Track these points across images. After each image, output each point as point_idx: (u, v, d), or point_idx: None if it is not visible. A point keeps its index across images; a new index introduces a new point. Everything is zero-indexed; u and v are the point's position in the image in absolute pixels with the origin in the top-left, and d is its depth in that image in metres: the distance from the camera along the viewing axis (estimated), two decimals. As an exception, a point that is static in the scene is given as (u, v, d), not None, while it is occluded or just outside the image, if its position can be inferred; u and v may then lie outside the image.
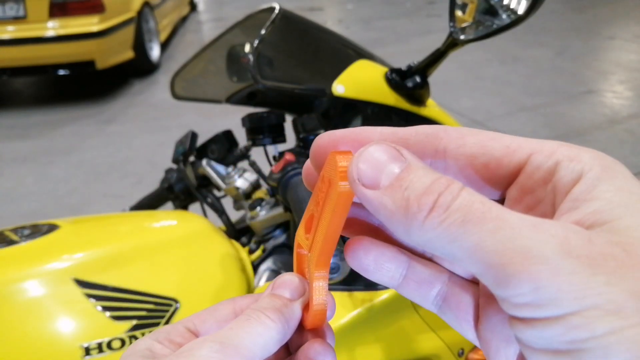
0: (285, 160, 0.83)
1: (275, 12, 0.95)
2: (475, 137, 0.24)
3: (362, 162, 0.22)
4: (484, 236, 0.19)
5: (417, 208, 0.20)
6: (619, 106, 3.69)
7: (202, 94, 1.22)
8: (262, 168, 0.99)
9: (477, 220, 0.19)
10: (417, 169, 0.21)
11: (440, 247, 0.20)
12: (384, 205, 0.21)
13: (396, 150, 0.22)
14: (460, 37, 0.80)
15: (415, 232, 0.20)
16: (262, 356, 0.27)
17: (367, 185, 0.22)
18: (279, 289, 0.31)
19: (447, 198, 0.20)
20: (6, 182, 3.00)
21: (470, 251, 0.19)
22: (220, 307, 0.32)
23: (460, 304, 0.25)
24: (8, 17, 3.83)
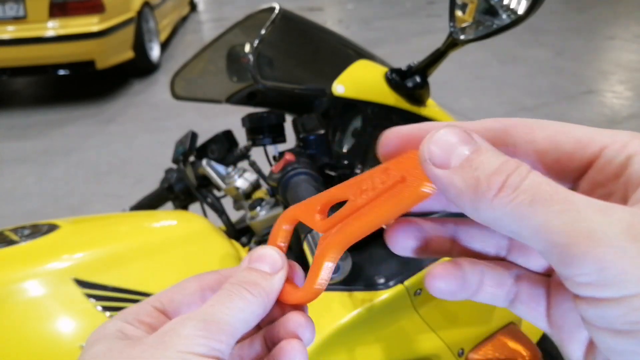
0: (285, 160, 0.83)
1: (275, 12, 0.95)
2: (544, 131, 0.24)
3: (434, 143, 0.23)
4: (551, 216, 0.19)
5: (486, 187, 0.21)
6: (619, 106, 3.69)
7: (202, 94, 1.22)
8: (262, 168, 0.99)
9: (544, 201, 0.20)
10: (487, 151, 0.22)
11: (507, 224, 0.21)
12: (453, 184, 0.22)
13: (466, 134, 0.23)
14: (460, 37, 0.80)
15: (484, 209, 0.21)
16: (244, 330, 0.27)
17: (437, 164, 0.23)
18: (257, 262, 0.30)
19: (516, 179, 0.20)
20: (6, 182, 3.00)
21: (536, 230, 0.20)
22: (186, 285, 0.31)
23: (531, 297, 0.26)
24: (8, 17, 3.83)
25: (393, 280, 0.75)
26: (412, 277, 0.76)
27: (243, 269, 0.30)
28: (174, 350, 0.25)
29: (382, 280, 0.75)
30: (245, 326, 0.27)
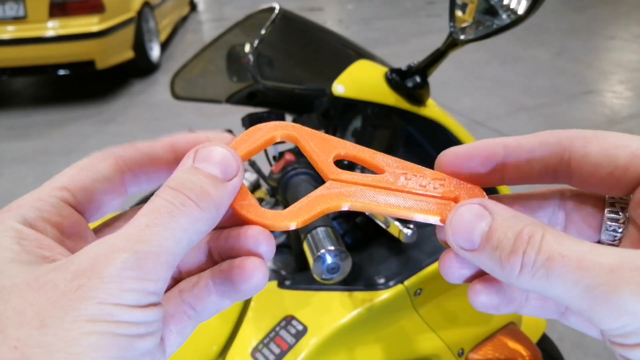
0: (285, 160, 0.83)
1: (275, 12, 0.95)
2: (599, 144, 0.25)
3: (455, 233, 0.25)
4: (569, 288, 0.21)
5: (509, 269, 0.23)
6: (619, 106, 3.69)
7: (202, 94, 1.22)
8: (262, 168, 0.99)
9: (559, 273, 0.21)
10: (502, 224, 0.24)
11: (539, 292, 0.23)
12: (484, 264, 0.24)
13: (481, 207, 0.25)
14: (460, 37, 0.80)
15: (516, 283, 0.23)
16: (184, 254, 0.22)
17: (466, 249, 0.25)
18: (204, 162, 0.24)
19: (531, 255, 0.22)
20: (6, 182, 3.00)
21: (563, 299, 0.22)
22: (97, 164, 0.25)
23: None
24: (8, 17, 3.83)
25: (393, 280, 0.75)
26: (412, 277, 0.76)
27: (186, 168, 0.24)
28: (93, 302, 0.19)
29: (382, 280, 0.75)
30: (187, 249, 0.22)
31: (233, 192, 0.24)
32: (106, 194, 0.25)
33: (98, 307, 0.19)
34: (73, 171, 0.25)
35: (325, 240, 0.63)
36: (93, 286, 0.19)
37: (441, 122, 0.92)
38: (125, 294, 0.20)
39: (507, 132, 3.24)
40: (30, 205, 0.23)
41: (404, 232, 0.65)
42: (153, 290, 0.21)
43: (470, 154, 0.27)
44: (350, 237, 0.84)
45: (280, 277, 0.83)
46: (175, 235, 0.21)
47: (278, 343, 0.70)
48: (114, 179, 0.25)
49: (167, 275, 0.21)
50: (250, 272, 0.25)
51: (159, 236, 0.21)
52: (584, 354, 1.65)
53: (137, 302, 0.20)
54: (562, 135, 0.25)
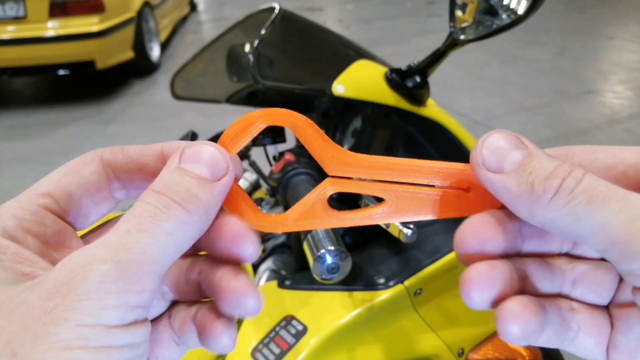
0: (285, 160, 0.83)
1: (275, 12, 0.95)
2: (604, 151, 0.25)
3: (486, 148, 0.23)
4: (609, 216, 0.20)
5: (542, 191, 0.21)
6: (619, 106, 3.69)
7: (202, 94, 1.22)
8: (262, 168, 0.99)
9: (602, 201, 0.20)
10: (539, 155, 0.22)
11: (564, 226, 0.21)
12: (508, 188, 0.22)
13: (517, 139, 0.23)
14: (460, 37, 0.80)
15: (540, 212, 0.21)
16: (172, 262, 0.20)
17: (491, 169, 0.23)
18: (191, 162, 0.22)
19: (571, 182, 0.21)
20: (6, 182, 3.00)
21: (595, 229, 0.20)
22: (80, 168, 0.23)
23: (595, 326, 0.24)
24: (8, 17, 3.83)
25: (393, 280, 0.75)
26: (412, 277, 0.76)
27: (171, 170, 0.22)
28: (69, 325, 0.17)
29: (382, 280, 0.75)
30: (175, 257, 0.20)
31: (223, 192, 0.23)
32: (92, 200, 0.24)
33: (74, 330, 0.17)
34: (56, 176, 0.23)
35: (325, 240, 0.63)
36: (69, 306, 0.17)
37: (441, 122, 0.92)
38: (106, 312, 0.17)
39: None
40: (10, 214, 0.21)
41: (404, 232, 0.65)
42: (137, 303, 0.18)
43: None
44: (350, 237, 0.84)
45: (280, 277, 0.83)
46: (160, 241, 0.19)
47: (278, 343, 0.70)
48: (100, 184, 0.24)
49: (152, 286, 0.19)
50: (215, 338, 0.23)
51: (141, 243, 0.19)
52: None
53: (119, 321, 0.18)
54: (565, 148, 0.26)
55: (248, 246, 0.23)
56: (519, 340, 0.22)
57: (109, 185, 0.24)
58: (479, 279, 0.23)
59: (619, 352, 0.24)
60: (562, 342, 0.25)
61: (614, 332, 0.24)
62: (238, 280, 0.23)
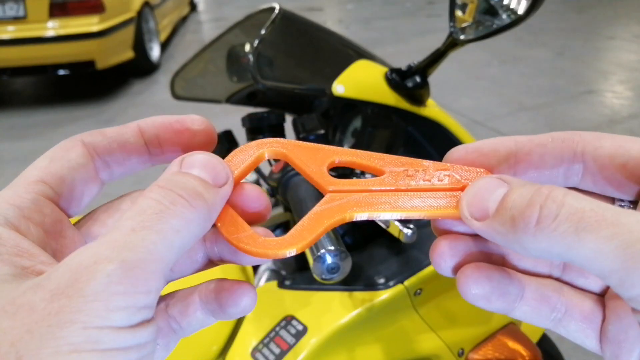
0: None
1: (275, 12, 0.95)
2: (611, 139, 0.25)
3: (469, 199, 0.24)
4: (601, 243, 0.19)
5: (523, 222, 0.21)
6: (619, 106, 3.69)
7: (202, 94, 1.22)
8: (262, 168, 0.99)
9: (591, 228, 0.19)
10: (519, 187, 0.22)
11: (558, 254, 0.20)
12: (495, 230, 0.22)
13: (498, 180, 0.23)
14: (460, 37, 0.80)
15: (530, 245, 0.21)
16: (176, 259, 0.20)
17: (478, 218, 0.23)
18: (192, 168, 0.23)
19: (552, 206, 0.20)
20: (6, 182, 2.98)
21: (589, 258, 0.19)
22: (66, 152, 0.23)
23: (585, 314, 0.25)
24: (8, 17, 3.83)
25: (393, 280, 0.75)
26: (412, 277, 0.76)
27: (174, 172, 0.22)
28: (76, 328, 0.16)
29: (382, 280, 0.75)
30: (180, 254, 0.20)
31: (225, 197, 0.23)
32: (83, 183, 0.24)
33: (82, 333, 0.16)
34: (44, 163, 0.23)
35: (325, 240, 0.63)
36: (75, 307, 0.17)
37: (441, 122, 0.92)
38: (113, 314, 0.17)
39: (507, 132, 3.23)
40: (8, 203, 0.21)
41: (404, 232, 0.65)
42: (144, 304, 0.18)
43: (480, 148, 0.26)
44: (350, 237, 0.84)
45: (280, 277, 0.83)
46: (166, 239, 0.19)
47: (278, 343, 0.70)
48: (87, 166, 0.24)
49: (159, 285, 0.19)
50: (239, 297, 0.24)
51: (147, 241, 0.18)
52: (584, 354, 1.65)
53: (127, 322, 0.18)
54: (573, 132, 0.25)
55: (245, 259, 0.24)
56: (477, 301, 0.24)
57: (94, 167, 0.24)
58: (444, 249, 0.25)
59: (609, 341, 0.24)
60: (545, 320, 0.25)
61: (605, 321, 0.24)
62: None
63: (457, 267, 0.25)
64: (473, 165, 0.26)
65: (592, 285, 0.26)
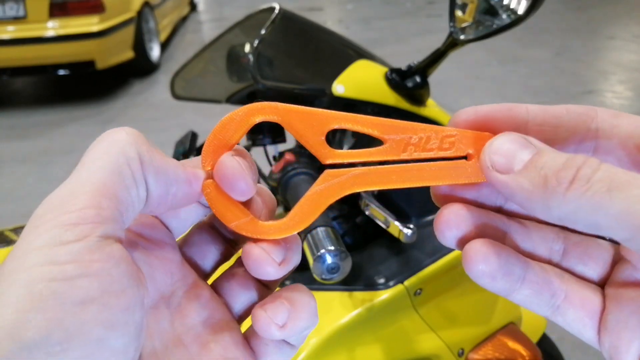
0: (285, 160, 0.83)
1: (275, 12, 0.95)
2: (628, 118, 0.24)
3: (494, 152, 0.23)
4: (632, 201, 0.19)
5: (556, 182, 0.20)
6: (619, 106, 3.69)
7: (202, 94, 1.22)
8: (262, 168, 0.99)
9: (623, 187, 0.19)
10: (549, 151, 0.22)
11: (584, 217, 0.20)
12: (520, 186, 0.21)
13: (525, 139, 0.23)
14: (460, 37, 0.80)
15: (557, 205, 0.20)
16: None
17: (501, 170, 0.22)
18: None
19: (587, 170, 0.20)
20: (6, 182, 3.00)
21: (617, 217, 0.19)
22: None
23: (584, 302, 0.24)
24: (8, 17, 3.83)
25: (393, 280, 0.75)
26: (412, 277, 0.76)
27: None
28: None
29: (382, 280, 0.75)
30: None
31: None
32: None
33: None
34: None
35: (325, 240, 0.63)
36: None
37: (441, 122, 0.92)
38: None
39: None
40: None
41: (404, 232, 0.65)
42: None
43: (491, 112, 0.25)
44: (350, 237, 0.84)
45: (280, 277, 0.83)
46: None
47: (278, 343, 0.70)
48: None
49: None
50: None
51: None
52: (584, 354, 1.65)
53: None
54: (590, 107, 0.25)
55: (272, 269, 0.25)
56: (481, 278, 0.23)
57: None
58: (450, 217, 0.24)
59: (608, 332, 0.23)
60: (545, 306, 0.24)
61: (605, 311, 0.24)
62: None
63: (462, 240, 0.24)
64: (480, 130, 0.25)
65: (592, 273, 0.25)
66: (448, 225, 0.24)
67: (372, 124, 0.25)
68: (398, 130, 0.25)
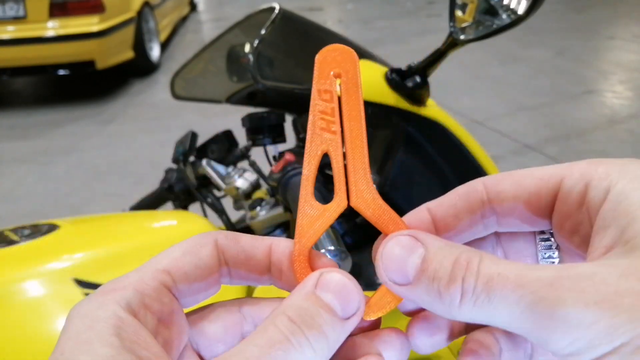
0: (285, 160, 0.83)
1: (275, 12, 0.95)
2: (510, 179, 0.25)
3: (387, 262, 0.23)
4: (512, 308, 0.20)
5: (449, 298, 0.21)
6: (619, 106, 3.69)
7: (202, 94, 1.22)
8: (262, 168, 0.99)
9: (499, 295, 0.20)
10: (436, 253, 0.22)
11: (484, 321, 0.21)
12: (420, 298, 0.22)
13: (412, 239, 0.23)
14: (460, 37, 0.80)
15: (457, 315, 0.22)
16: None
17: (400, 283, 0.23)
18: (327, 292, 0.23)
19: (471, 280, 0.21)
20: (6, 182, 3.00)
21: (508, 322, 0.20)
22: (200, 250, 0.24)
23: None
24: (8, 17, 3.83)
25: (393, 280, 0.75)
26: (412, 277, 0.76)
27: (307, 294, 0.23)
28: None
29: (382, 280, 0.75)
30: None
31: (349, 331, 0.23)
32: (204, 283, 0.24)
33: None
34: (176, 254, 0.24)
35: (325, 240, 0.63)
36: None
37: (441, 122, 0.92)
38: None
39: (507, 131, 3.23)
40: (133, 287, 0.22)
41: (404, 232, 0.65)
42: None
43: (409, 219, 0.27)
44: (350, 237, 0.84)
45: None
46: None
47: (278, 343, 0.69)
48: (213, 268, 0.24)
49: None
50: None
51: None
52: (584, 354, 1.65)
53: None
54: (474, 182, 0.26)
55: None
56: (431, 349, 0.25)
57: (219, 271, 0.25)
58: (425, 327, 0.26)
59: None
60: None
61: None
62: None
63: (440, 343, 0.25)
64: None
65: None
66: (424, 341, 0.25)
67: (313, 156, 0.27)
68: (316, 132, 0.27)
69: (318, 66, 0.26)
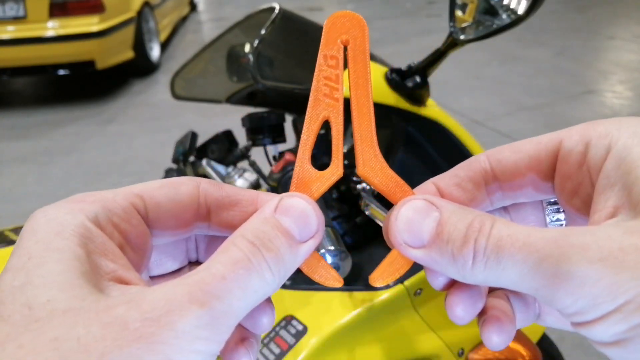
0: (285, 160, 0.83)
1: (275, 12, 0.95)
2: (510, 147, 0.26)
3: (400, 226, 0.24)
4: (519, 268, 0.20)
5: (462, 260, 0.22)
6: (619, 106, 3.69)
7: (202, 94, 1.22)
8: (262, 168, 0.99)
9: (508, 255, 0.21)
10: (451, 217, 0.23)
11: (494, 282, 0.22)
12: (435, 261, 0.23)
13: (427, 203, 0.24)
14: (460, 37, 0.80)
15: (469, 277, 0.22)
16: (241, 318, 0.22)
17: (414, 246, 0.23)
18: (285, 215, 0.23)
19: (482, 242, 0.21)
20: (6, 182, 3.00)
21: (517, 282, 0.21)
22: (179, 187, 0.24)
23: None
24: (8, 17, 3.83)
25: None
26: (412, 277, 0.76)
27: (266, 218, 0.23)
28: (160, 357, 0.18)
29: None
30: (245, 314, 0.21)
31: (304, 256, 0.23)
32: (175, 220, 0.24)
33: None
34: (154, 184, 0.24)
35: (325, 240, 0.63)
36: (164, 339, 0.18)
37: (441, 122, 0.92)
38: (193, 356, 0.18)
39: (507, 131, 3.23)
40: (101, 203, 0.22)
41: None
42: (215, 353, 0.20)
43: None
44: (350, 237, 0.84)
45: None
46: (246, 297, 0.20)
47: (278, 343, 0.70)
48: (188, 207, 0.24)
49: (229, 332, 0.20)
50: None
51: (232, 295, 0.20)
52: (584, 353, 1.65)
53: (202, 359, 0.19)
54: (473, 158, 0.27)
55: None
56: (500, 344, 0.25)
57: (195, 212, 0.24)
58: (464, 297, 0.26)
59: None
60: (532, 320, 0.27)
61: None
62: None
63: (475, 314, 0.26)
64: None
65: None
66: (464, 311, 0.26)
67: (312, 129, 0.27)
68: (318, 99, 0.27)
69: (326, 32, 0.26)
